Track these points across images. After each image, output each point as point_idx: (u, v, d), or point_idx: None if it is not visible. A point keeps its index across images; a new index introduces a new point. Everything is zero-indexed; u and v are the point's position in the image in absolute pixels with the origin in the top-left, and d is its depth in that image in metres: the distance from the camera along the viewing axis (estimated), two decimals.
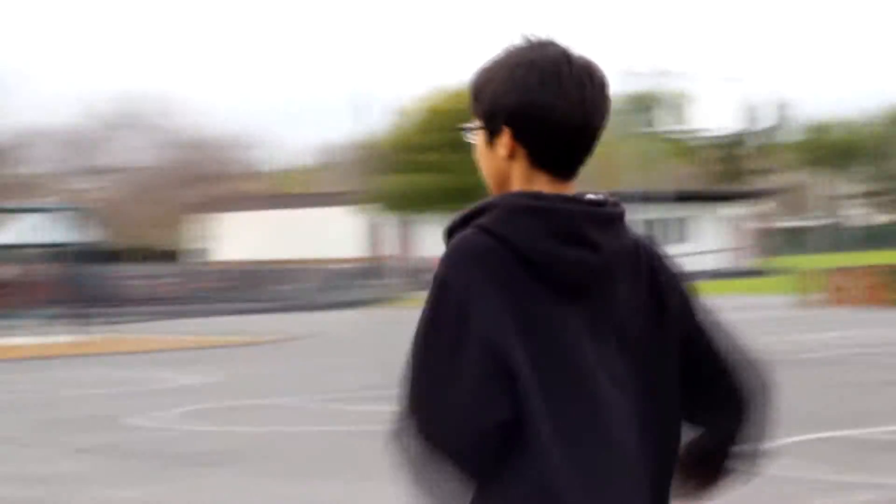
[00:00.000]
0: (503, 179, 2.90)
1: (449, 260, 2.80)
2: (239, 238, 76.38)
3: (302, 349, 32.31)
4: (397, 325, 19.77)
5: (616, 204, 2.88)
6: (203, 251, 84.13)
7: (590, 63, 2.89)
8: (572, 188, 2.89)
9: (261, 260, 70.26)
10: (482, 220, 2.81)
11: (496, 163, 2.90)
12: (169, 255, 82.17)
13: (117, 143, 76.51)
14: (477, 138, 2.94)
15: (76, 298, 40.32)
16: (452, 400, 2.74)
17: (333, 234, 74.70)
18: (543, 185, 2.86)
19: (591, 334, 2.83)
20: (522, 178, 2.88)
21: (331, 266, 64.76)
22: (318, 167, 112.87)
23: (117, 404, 19.75)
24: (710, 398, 2.98)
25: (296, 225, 77.19)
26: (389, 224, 71.79)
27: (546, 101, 2.83)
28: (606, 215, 2.85)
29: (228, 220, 76.64)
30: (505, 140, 2.87)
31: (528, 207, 2.80)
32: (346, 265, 65.75)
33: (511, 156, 2.87)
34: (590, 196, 2.87)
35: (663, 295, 2.92)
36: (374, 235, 73.77)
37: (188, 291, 63.22)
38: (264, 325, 41.02)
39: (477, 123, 2.92)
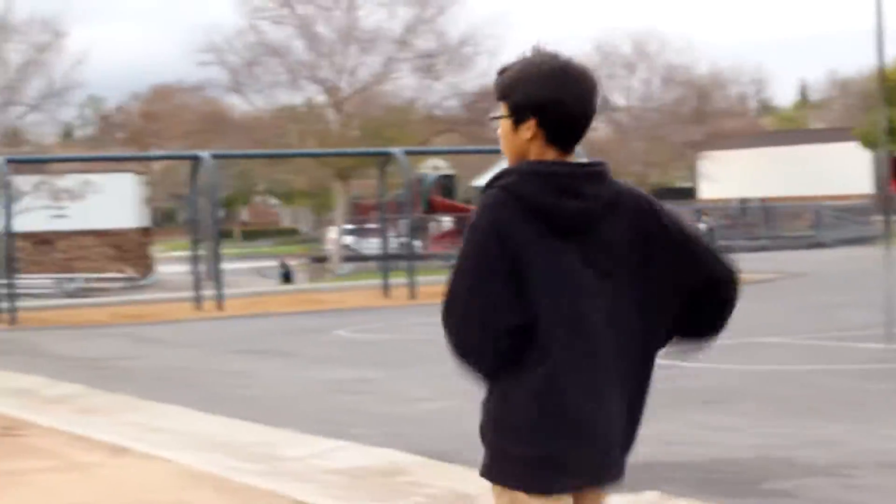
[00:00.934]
0: (522, 154, 3.95)
1: (479, 210, 3.86)
2: (727, 175, 75.73)
3: (798, 287, 31.89)
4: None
5: (602, 164, 3.93)
6: (691, 189, 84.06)
7: (586, 68, 3.95)
8: (572, 157, 3.94)
9: (752, 198, 69.49)
10: (503, 181, 3.87)
11: (519, 142, 3.95)
12: (664, 194, 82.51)
13: (617, 81, 77.19)
14: (503, 123, 3.97)
15: None
16: (474, 308, 3.79)
17: (834, 171, 73.00)
18: (553, 157, 3.92)
19: (582, 262, 3.86)
20: (538, 153, 3.92)
21: (830, 203, 63.31)
22: (820, 102, 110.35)
23: None
24: (705, 282, 4.01)
25: (790, 161, 75.86)
26: None
27: (562, 98, 3.88)
28: (594, 172, 3.91)
29: (719, 158, 76.13)
30: (530, 125, 3.91)
31: (537, 172, 3.87)
32: (847, 202, 64.12)
33: (533, 136, 3.91)
34: (581, 160, 3.92)
35: (643, 225, 3.93)
36: (879, 171, 71.52)
37: None
38: (761, 264, 40.62)
39: (504, 113, 3.96)
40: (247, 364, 19.81)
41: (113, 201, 57.00)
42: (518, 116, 3.92)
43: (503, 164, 4.00)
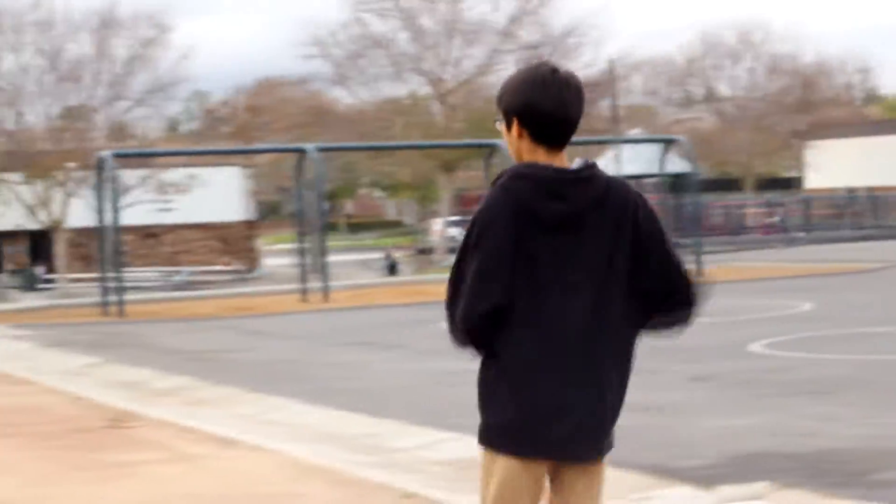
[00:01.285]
0: (518, 151, 4.50)
1: (480, 206, 4.44)
2: (834, 165, 74.79)
3: None
4: None
5: (590, 167, 4.44)
6: (798, 179, 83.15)
7: (570, 75, 4.49)
8: (562, 156, 4.45)
9: (859, 187, 68.61)
10: (500, 181, 4.43)
11: (513, 141, 4.51)
12: (769, 184, 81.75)
13: (715, 71, 76.62)
14: (502, 126, 4.54)
15: (683, 227, 40.93)
16: (464, 293, 4.37)
17: None
18: (542, 155, 4.45)
19: (567, 255, 4.39)
20: (528, 151, 4.47)
21: None
22: None
23: (731, 333, 19.94)
24: (661, 290, 4.49)
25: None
26: None
27: (536, 101, 4.42)
28: (577, 178, 4.41)
29: (826, 147, 75.24)
30: (515, 126, 4.47)
31: (524, 174, 4.40)
32: None
33: (520, 136, 4.47)
34: (571, 165, 4.44)
35: (626, 223, 4.44)
36: None
37: (797, 219, 62.80)
38: (868, 253, 40.11)
39: (500, 117, 4.54)
40: (353, 356, 19.94)
41: (218, 195, 57.58)
42: (507, 119, 4.53)
43: (608, 155, 4.25)
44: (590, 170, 4.44)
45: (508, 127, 4.52)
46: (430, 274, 44.35)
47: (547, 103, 4.43)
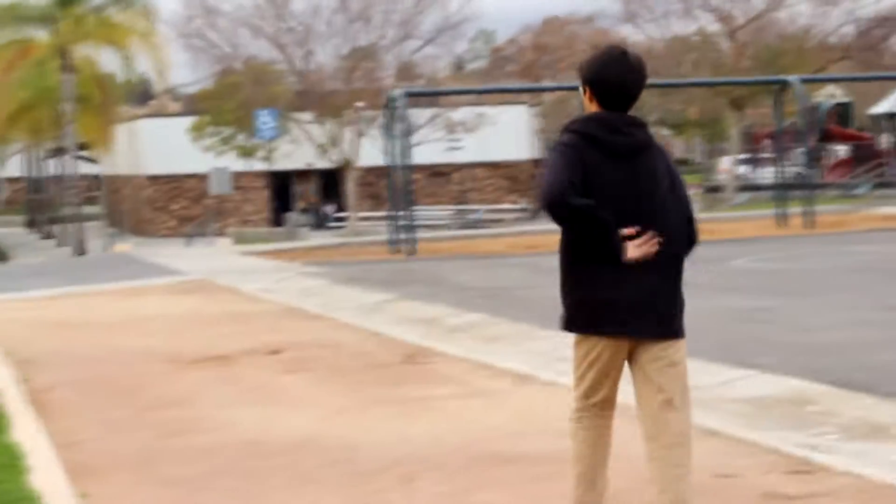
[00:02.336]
0: (588, 111, 6.09)
1: (559, 139, 6.01)
2: None
3: None
4: None
5: (639, 118, 6.04)
6: None
7: (636, 57, 6.05)
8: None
9: None
10: (575, 126, 6.02)
11: (587, 104, 6.10)
12: None
13: None
14: (581, 91, 6.12)
15: None
16: (552, 179, 5.82)
17: None
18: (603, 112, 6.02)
19: (630, 178, 5.95)
20: (596, 109, 6.05)
21: None
22: None
23: None
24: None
25: None
26: None
27: (604, 76, 5.99)
28: (634, 121, 6.03)
29: None
30: (588, 93, 6.06)
31: (595, 118, 6.02)
32: None
33: (591, 101, 6.07)
34: (627, 114, 6.03)
35: (661, 166, 6.05)
36: None
37: None
38: None
39: (581, 85, 6.12)
40: None
41: (506, 133, 57.85)
42: (583, 87, 6.13)
43: None
44: (639, 118, 6.10)
45: (584, 92, 6.12)
46: (718, 212, 43.71)
47: (612, 79, 6.00)
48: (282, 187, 61.44)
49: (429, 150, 49.54)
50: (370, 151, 49.44)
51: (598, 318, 6.00)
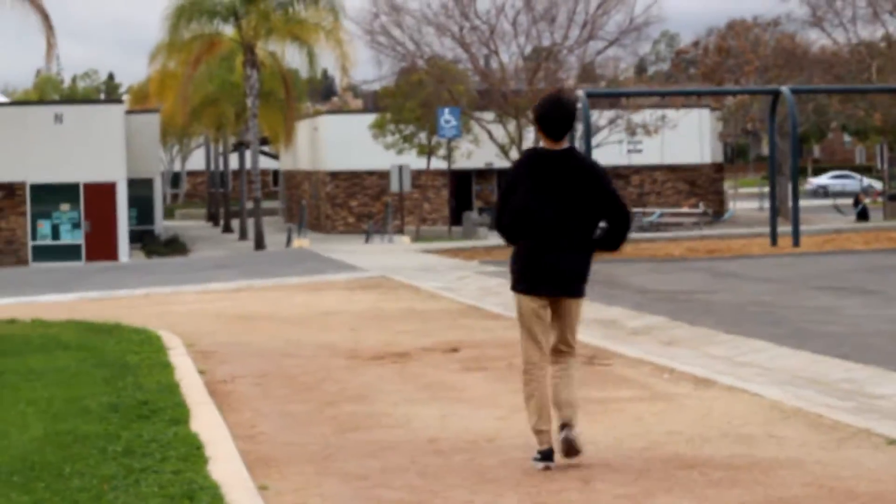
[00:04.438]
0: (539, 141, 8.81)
1: (517, 160, 8.99)
2: None
3: None
4: None
5: (568, 148, 8.66)
6: None
7: (566, 96, 8.96)
8: (562, 142, 8.65)
9: None
10: (525, 153, 8.91)
11: (538, 136, 8.74)
12: None
13: None
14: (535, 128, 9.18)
15: None
16: (503, 210, 8.77)
17: None
18: (548, 143, 8.66)
19: (550, 188, 8.55)
20: (542, 140, 8.69)
21: None
22: None
23: None
24: (607, 215, 8.66)
25: None
26: None
27: (545, 114, 8.62)
28: (561, 151, 8.64)
29: None
30: (537, 127, 8.73)
31: (538, 149, 8.73)
32: None
33: (539, 133, 8.71)
34: (559, 147, 8.67)
35: (585, 177, 8.59)
36: None
37: None
38: None
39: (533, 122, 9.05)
40: (827, 300, 19.37)
41: (687, 136, 57.29)
42: (535, 124, 8.80)
43: None
44: (568, 149, 8.65)
45: (536, 128, 8.82)
46: None
47: (552, 114, 8.60)
48: (461, 186, 61.64)
49: (609, 151, 49.22)
50: None
51: (527, 281, 8.63)
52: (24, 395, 11.21)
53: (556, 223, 8.47)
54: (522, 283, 8.59)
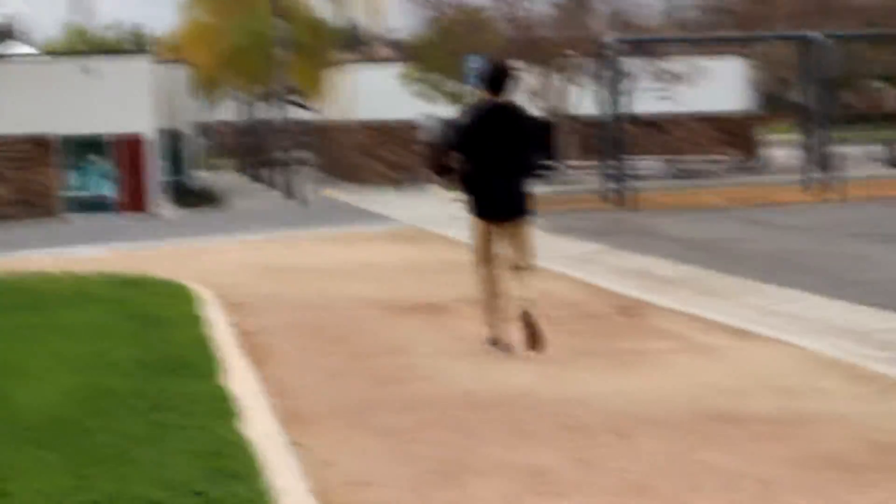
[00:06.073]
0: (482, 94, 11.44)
1: (460, 115, 12.04)
2: None
3: None
4: None
5: (506, 101, 11.06)
6: None
7: (504, 64, 11.53)
8: (503, 94, 11.09)
9: None
10: (470, 105, 11.97)
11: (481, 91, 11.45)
12: None
13: None
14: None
15: None
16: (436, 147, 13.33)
17: None
18: (488, 95, 11.09)
19: (495, 129, 10.95)
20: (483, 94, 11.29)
21: None
22: None
23: None
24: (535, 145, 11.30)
25: None
26: None
27: (485, 73, 11.26)
28: (500, 102, 11.06)
29: None
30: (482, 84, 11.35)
31: (483, 99, 11.14)
32: None
33: (482, 88, 11.28)
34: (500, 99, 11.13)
35: (520, 120, 11.12)
36: None
37: None
38: None
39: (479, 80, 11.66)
40: (863, 248, 19.16)
41: (721, 85, 56.78)
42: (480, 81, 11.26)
43: None
44: (506, 101, 10.88)
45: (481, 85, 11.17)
46: None
47: (493, 73, 10.97)
48: None
49: (642, 100, 48.85)
50: (582, 100, 48.99)
51: (479, 207, 10.96)
52: (52, 348, 11.06)
53: (506, 161, 10.90)
54: (476, 208, 11.16)
